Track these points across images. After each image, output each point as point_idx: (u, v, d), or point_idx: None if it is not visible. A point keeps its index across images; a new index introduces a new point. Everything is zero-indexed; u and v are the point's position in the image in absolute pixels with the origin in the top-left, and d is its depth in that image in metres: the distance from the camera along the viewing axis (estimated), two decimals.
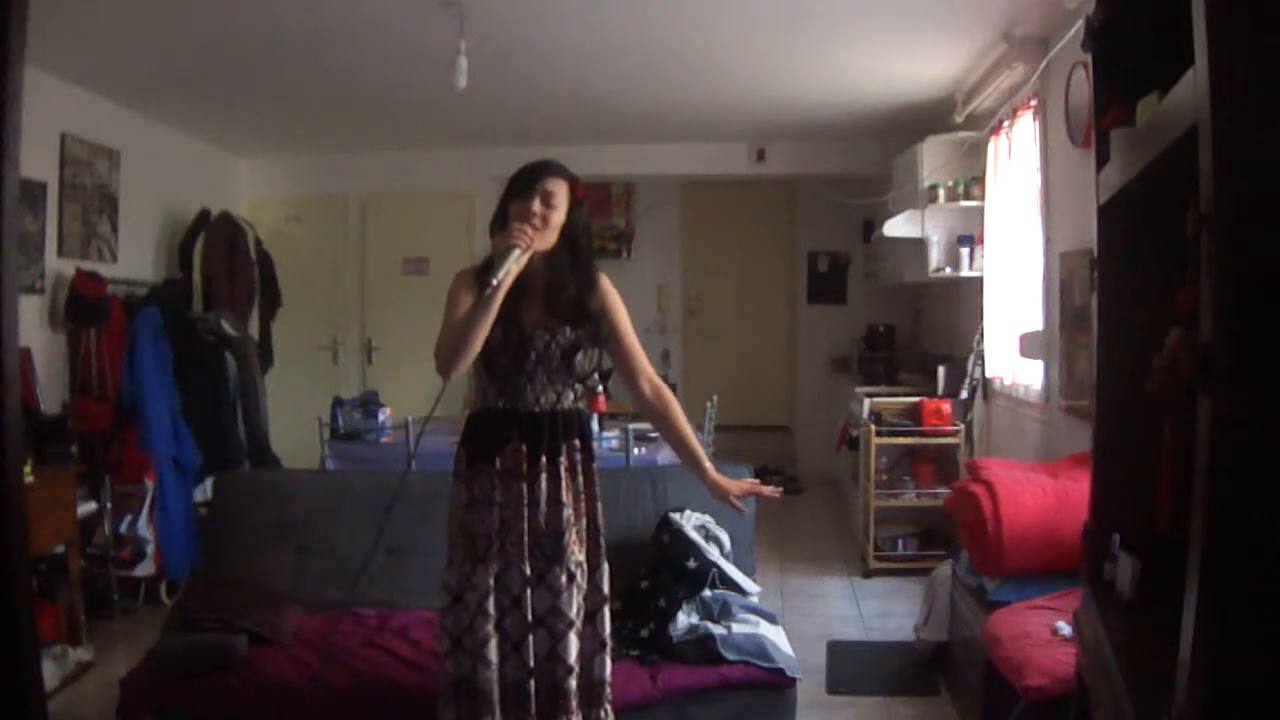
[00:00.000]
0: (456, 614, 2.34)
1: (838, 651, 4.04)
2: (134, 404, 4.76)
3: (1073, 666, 2.17)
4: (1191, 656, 1.11)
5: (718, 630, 2.90)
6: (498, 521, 2.33)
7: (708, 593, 3.08)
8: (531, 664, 2.30)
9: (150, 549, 4.71)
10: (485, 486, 2.35)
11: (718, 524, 3.27)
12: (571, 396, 2.41)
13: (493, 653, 2.29)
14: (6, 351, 1.10)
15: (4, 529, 1.08)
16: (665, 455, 4.50)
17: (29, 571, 1.20)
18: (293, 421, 5.96)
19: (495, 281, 2.22)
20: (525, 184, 2.35)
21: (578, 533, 2.37)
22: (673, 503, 3.32)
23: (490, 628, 2.29)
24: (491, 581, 2.30)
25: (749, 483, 2.53)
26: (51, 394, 4.68)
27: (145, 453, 4.76)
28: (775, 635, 2.96)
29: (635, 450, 4.28)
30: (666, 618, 2.95)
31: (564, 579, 2.32)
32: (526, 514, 2.33)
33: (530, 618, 2.31)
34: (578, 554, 2.36)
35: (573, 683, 2.31)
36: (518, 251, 2.26)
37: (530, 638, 2.31)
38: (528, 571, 2.31)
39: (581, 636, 2.36)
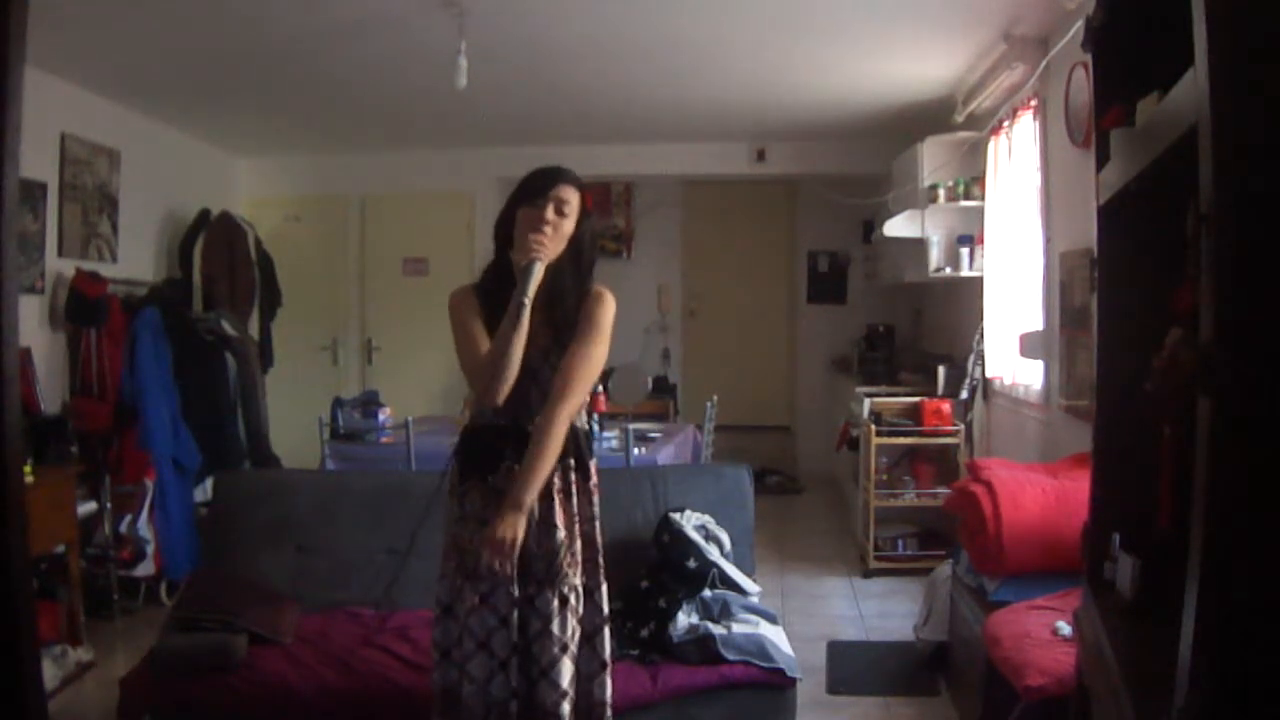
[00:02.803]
0: (446, 626, 2.32)
1: (838, 651, 4.04)
2: (134, 404, 4.76)
3: (1073, 666, 2.17)
4: (1191, 656, 1.11)
5: (718, 630, 2.90)
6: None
7: (708, 593, 3.08)
8: (515, 684, 2.27)
9: (150, 549, 4.71)
10: (476, 503, 2.31)
11: (718, 524, 3.27)
12: None
13: (476, 669, 2.27)
14: (6, 351, 1.10)
15: (4, 529, 1.08)
16: (665, 455, 4.51)
17: (29, 571, 1.20)
18: (293, 421, 5.97)
19: (526, 300, 2.19)
20: (539, 190, 2.29)
21: (572, 555, 2.32)
22: (673, 503, 3.32)
23: (474, 644, 2.27)
24: (477, 599, 2.28)
25: (494, 544, 2.16)
26: (51, 394, 4.68)
27: (145, 453, 4.76)
28: (775, 635, 2.96)
29: (635, 450, 4.28)
30: (666, 618, 2.95)
31: (555, 603, 2.27)
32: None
33: (515, 638, 2.27)
34: (572, 577, 2.31)
35: (566, 707, 2.27)
36: (540, 265, 2.23)
37: (515, 659, 2.27)
38: (516, 593, 2.27)
39: (579, 659, 2.33)
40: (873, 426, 5.24)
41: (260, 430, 5.58)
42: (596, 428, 4.37)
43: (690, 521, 3.22)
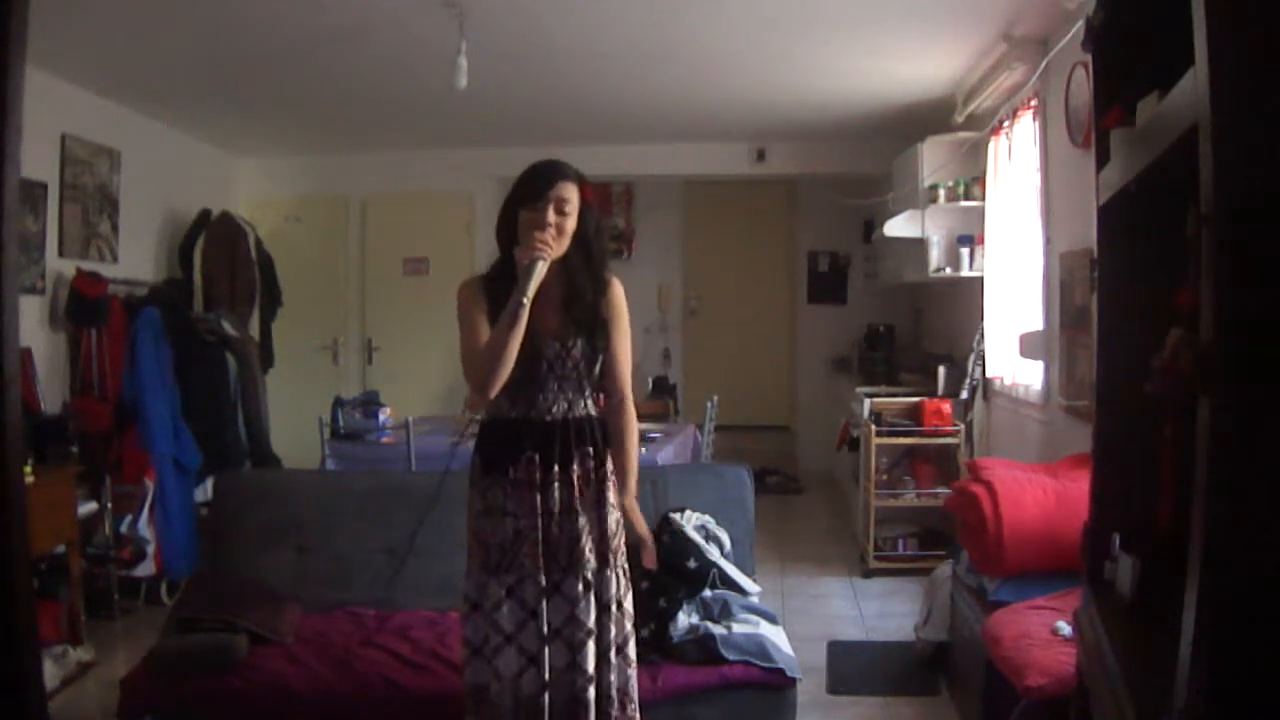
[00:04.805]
0: (475, 623, 2.32)
1: (838, 651, 4.04)
2: (134, 404, 4.76)
3: (1073, 666, 2.17)
4: (1191, 656, 1.11)
5: (718, 630, 2.90)
6: (511, 532, 2.31)
7: (708, 593, 3.08)
8: (548, 677, 2.27)
9: (150, 549, 4.71)
10: (498, 496, 2.33)
11: (718, 524, 3.27)
12: (583, 404, 2.38)
13: (504, 665, 2.27)
14: (6, 351, 1.10)
15: (4, 529, 1.08)
16: (665, 455, 4.50)
17: (29, 571, 1.20)
18: (293, 421, 5.96)
19: (525, 300, 2.19)
20: (537, 192, 2.29)
21: (592, 541, 2.34)
22: (673, 503, 3.32)
23: (502, 639, 2.28)
24: (504, 593, 2.28)
25: (648, 542, 2.51)
26: (52, 394, 4.68)
27: (145, 453, 4.76)
28: (775, 635, 2.96)
29: None
30: (666, 618, 2.95)
31: (580, 587, 2.29)
32: (540, 524, 2.30)
33: (546, 630, 2.28)
34: (592, 562, 2.33)
35: (592, 692, 2.28)
36: (542, 264, 2.23)
37: (547, 650, 2.28)
38: (543, 583, 2.29)
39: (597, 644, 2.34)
40: (873, 426, 5.24)
41: (260, 430, 5.58)
42: None
43: (690, 521, 3.22)
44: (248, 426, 5.47)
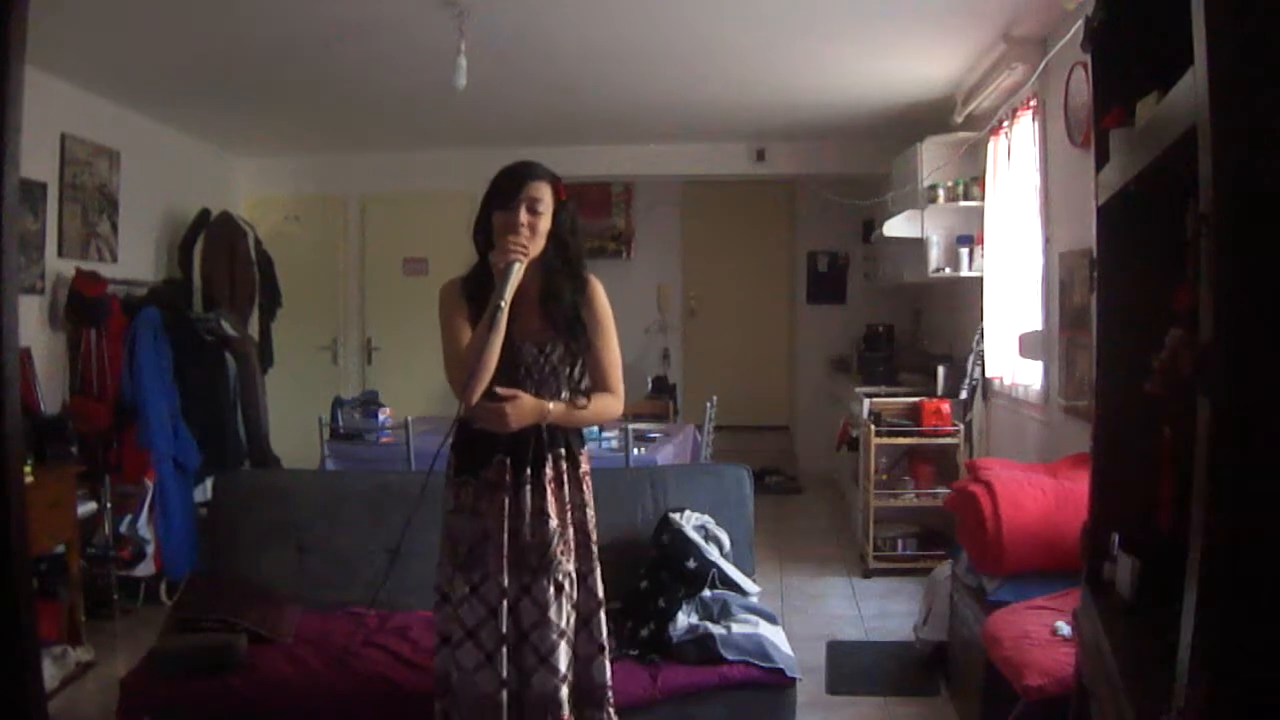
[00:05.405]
0: (444, 614, 2.36)
1: (837, 651, 4.04)
2: (134, 404, 4.76)
3: (1072, 666, 2.18)
4: (1191, 656, 1.11)
5: (717, 630, 2.90)
6: (478, 531, 2.33)
7: (707, 593, 3.09)
8: (505, 676, 2.28)
9: (150, 549, 4.71)
10: (469, 495, 2.35)
11: (717, 524, 3.27)
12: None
13: (464, 658, 2.30)
14: (6, 351, 1.10)
15: (4, 529, 1.08)
16: (665, 455, 4.51)
17: (29, 571, 1.20)
18: (293, 421, 5.97)
19: (502, 304, 2.20)
20: (508, 193, 2.30)
21: (565, 542, 2.35)
22: (673, 503, 3.32)
23: (463, 633, 2.30)
24: (467, 589, 2.31)
25: (494, 409, 2.27)
26: (51, 394, 4.67)
27: (145, 452, 4.76)
28: (775, 635, 2.96)
29: (635, 450, 4.28)
30: (666, 618, 2.95)
31: (551, 591, 2.31)
32: (508, 526, 2.32)
33: (505, 630, 2.30)
34: (565, 564, 2.34)
35: (565, 690, 2.30)
36: (518, 267, 2.24)
37: (505, 650, 2.29)
38: (505, 583, 2.30)
39: (576, 643, 2.36)
40: (872, 426, 5.24)
41: (260, 430, 5.58)
42: (596, 428, 4.37)
43: (690, 521, 3.22)
44: (247, 426, 5.47)
